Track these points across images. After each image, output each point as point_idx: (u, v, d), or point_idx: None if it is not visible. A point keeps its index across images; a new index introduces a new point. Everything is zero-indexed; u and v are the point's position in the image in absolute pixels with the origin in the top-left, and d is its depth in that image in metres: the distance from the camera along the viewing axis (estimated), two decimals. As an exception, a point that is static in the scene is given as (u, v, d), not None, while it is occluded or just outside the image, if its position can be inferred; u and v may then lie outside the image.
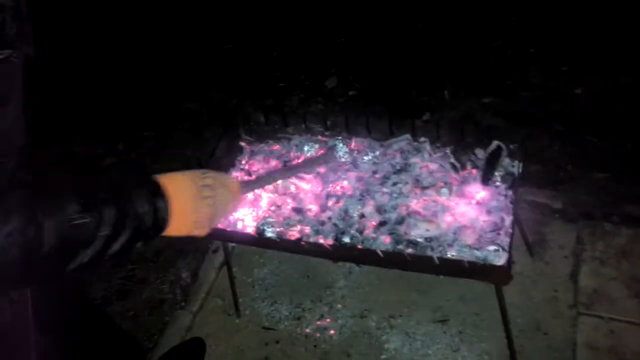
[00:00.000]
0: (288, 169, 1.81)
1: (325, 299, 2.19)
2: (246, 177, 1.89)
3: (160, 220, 0.94)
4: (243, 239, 1.85)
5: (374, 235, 1.65)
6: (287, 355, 2.05)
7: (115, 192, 0.88)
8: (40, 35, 0.92)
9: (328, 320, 2.12)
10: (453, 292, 2.09)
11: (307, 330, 2.10)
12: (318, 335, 2.08)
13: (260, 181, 1.50)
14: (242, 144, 2.06)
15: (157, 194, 0.94)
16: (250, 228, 1.77)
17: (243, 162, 2.02)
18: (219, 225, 1.81)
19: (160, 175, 0.98)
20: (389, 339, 2.02)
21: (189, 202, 1.01)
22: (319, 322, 2.12)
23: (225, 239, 1.95)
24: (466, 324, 2.01)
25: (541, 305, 2.02)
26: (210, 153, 1.95)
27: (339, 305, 2.16)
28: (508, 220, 1.58)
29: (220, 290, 2.29)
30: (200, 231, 1.06)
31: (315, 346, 2.05)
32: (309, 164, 1.85)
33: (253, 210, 1.83)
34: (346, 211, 1.74)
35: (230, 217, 1.82)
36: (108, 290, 2.40)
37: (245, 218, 1.81)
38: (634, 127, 2.58)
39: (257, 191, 1.85)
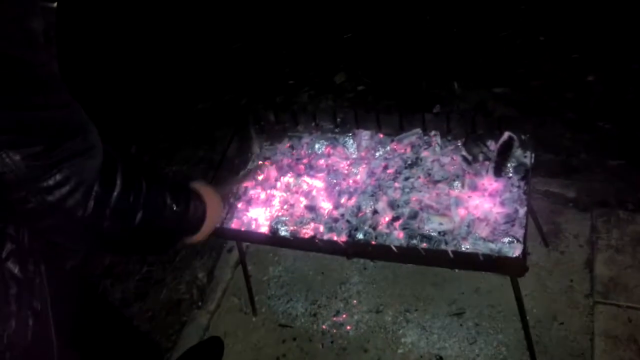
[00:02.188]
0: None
1: (341, 295, 2.20)
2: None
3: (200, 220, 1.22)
4: (258, 239, 1.86)
5: (387, 230, 1.65)
6: (304, 352, 2.07)
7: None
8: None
9: (344, 316, 2.13)
10: (468, 284, 2.09)
11: (324, 326, 2.12)
12: (334, 331, 2.09)
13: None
14: (253, 143, 2.08)
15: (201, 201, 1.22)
16: (264, 227, 1.79)
17: (255, 162, 2.04)
18: (233, 225, 1.84)
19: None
20: (406, 333, 2.03)
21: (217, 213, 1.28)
22: (335, 318, 2.13)
23: (240, 239, 1.97)
24: (482, 316, 2.01)
25: (557, 295, 2.01)
26: (223, 153, 1.96)
27: (355, 301, 2.17)
28: (522, 211, 1.57)
29: (236, 289, 2.31)
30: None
31: (332, 342, 2.07)
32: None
33: (266, 210, 1.85)
34: (359, 207, 1.74)
35: (244, 218, 1.84)
36: (126, 292, 2.44)
37: (258, 217, 1.83)
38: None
39: (267, 191, 1.89)
